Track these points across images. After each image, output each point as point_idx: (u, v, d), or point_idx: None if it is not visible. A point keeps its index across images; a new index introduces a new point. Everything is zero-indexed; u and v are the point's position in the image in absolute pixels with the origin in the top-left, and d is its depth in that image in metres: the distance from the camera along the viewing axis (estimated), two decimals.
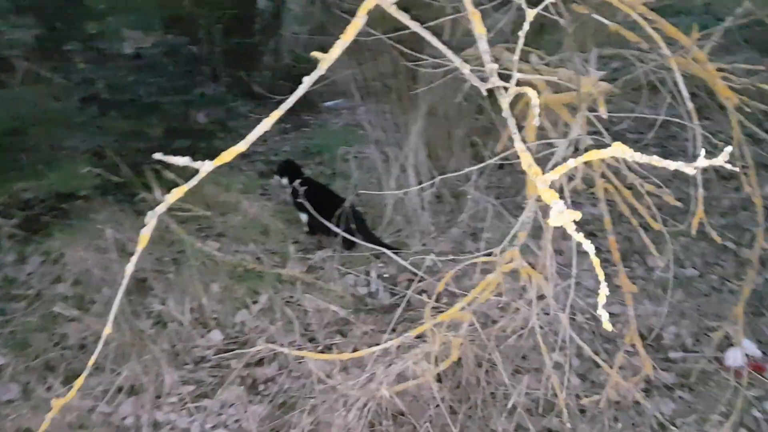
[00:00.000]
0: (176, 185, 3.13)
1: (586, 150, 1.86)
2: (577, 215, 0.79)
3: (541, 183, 0.87)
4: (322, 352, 2.63)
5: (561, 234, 2.24)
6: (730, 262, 3.18)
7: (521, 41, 0.90)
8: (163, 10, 2.98)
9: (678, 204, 1.84)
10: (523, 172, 2.23)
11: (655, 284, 3.00)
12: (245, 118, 4.20)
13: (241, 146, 1.03)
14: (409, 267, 2.96)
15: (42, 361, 2.36)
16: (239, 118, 3.97)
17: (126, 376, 2.36)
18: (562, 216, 0.80)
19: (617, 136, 1.96)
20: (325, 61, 1.03)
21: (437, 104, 3.60)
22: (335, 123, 5.52)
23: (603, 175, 1.89)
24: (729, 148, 0.62)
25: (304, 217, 3.35)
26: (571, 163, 0.83)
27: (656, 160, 0.72)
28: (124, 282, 1.05)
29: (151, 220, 1.04)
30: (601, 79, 1.64)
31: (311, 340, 2.68)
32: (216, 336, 2.65)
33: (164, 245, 2.92)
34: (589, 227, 3.40)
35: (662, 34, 1.61)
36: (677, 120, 1.60)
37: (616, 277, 3.11)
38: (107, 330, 1.13)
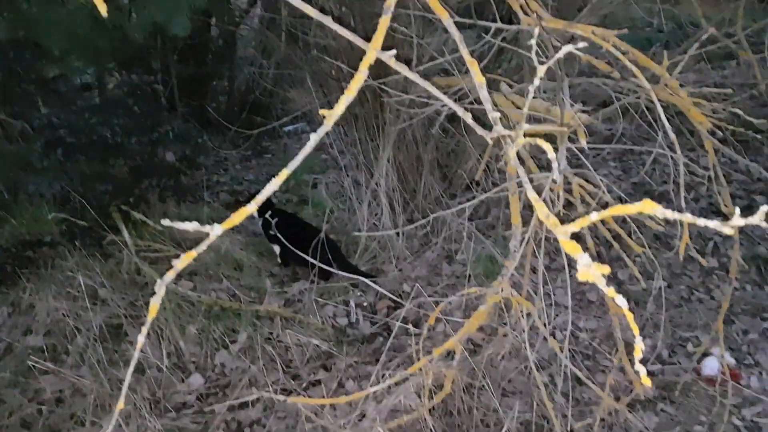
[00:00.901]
0: (146, 225, 3.06)
1: (566, 184, 1.90)
2: (606, 269, 0.80)
3: (561, 234, 0.88)
4: (306, 389, 2.59)
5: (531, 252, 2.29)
6: (696, 272, 3.28)
7: (531, 93, 0.91)
8: (118, 47, 2.92)
9: (661, 228, 1.89)
10: (495, 195, 2.27)
11: (628, 297, 3.06)
12: (214, 152, 4.15)
13: (251, 207, 1.01)
14: (388, 294, 2.97)
15: (18, 418, 2.26)
16: (207, 152, 3.91)
17: (108, 429, 2.27)
18: (590, 270, 0.81)
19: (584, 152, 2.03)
20: (331, 117, 1.02)
21: (405, 128, 3.63)
22: (296, 148, 5.47)
23: (583, 201, 1.93)
24: (765, 208, 0.64)
25: (276, 249, 3.31)
26: (594, 216, 0.84)
27: (690, 218, 0.73)
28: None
29: (161, 288, 1.00)
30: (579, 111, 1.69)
31: (295, 377, 2.63)
32: (196, 380, 2.58)
33: (137, 288, 2.85)
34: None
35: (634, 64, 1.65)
36: (662, 151, 1.65)
37: (590, 292, 3.20)
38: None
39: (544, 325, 2.14)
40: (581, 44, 0.88)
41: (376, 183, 3.56)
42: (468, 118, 1.11)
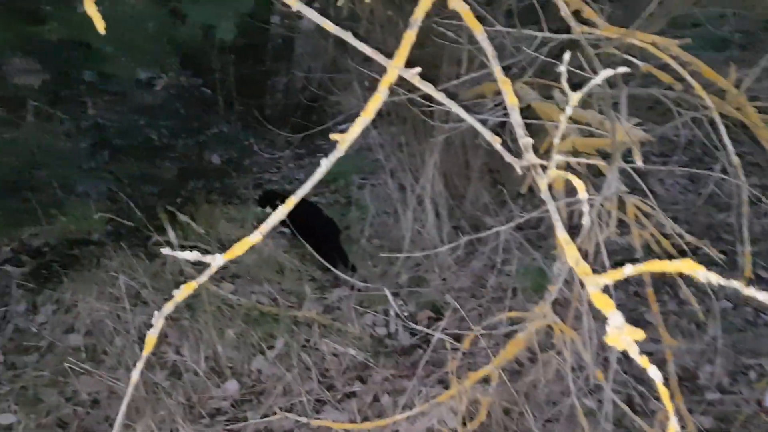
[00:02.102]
0: (191, 226, 3.05)
1: (620, 202, 1.76)
2: (641, 335, 0.69)
3: (593, 286, 0.77)
4: (340, 401, 2.54)
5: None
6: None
7: (568, 110, 0.81)
8: (168, 49, 2.92)
9: (721, 257, 1.73)
10: (545, 203, 2.14)
11: (689, 319, 2.87)
12: (259, 156, 4.16)
13: (256, 236, 0.94)
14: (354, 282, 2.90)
15: (54, 418, 2.29)
16: (253, 156, 3.92)
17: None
18: (621, 333, 0.70)
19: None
20: (345, 141, 0.95)
21: (454, 133, 3.52)
22: (349, 147, 5.43)
23: (638, 222, 1.79)
24: None
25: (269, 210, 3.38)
26: (629, 270, 0.73)
27: (750, 292, 0.62)
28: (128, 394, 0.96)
29: (159, 320, 0.95)
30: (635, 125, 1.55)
31: (330, 387, 2.58)
32: (232, 386, 2.56)
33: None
34: (617, 257, 3.30)
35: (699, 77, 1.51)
36: (724, 177, 1.50)
37: (647, 313, 3.01)
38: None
39: (591, 349, 2.01)
40: (621, 69, 0.77)
41: (422, 188, 3.46)
42: (496, 143, 1.01)
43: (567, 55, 0.79)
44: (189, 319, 2.72)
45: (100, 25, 0.84)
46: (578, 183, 0.79)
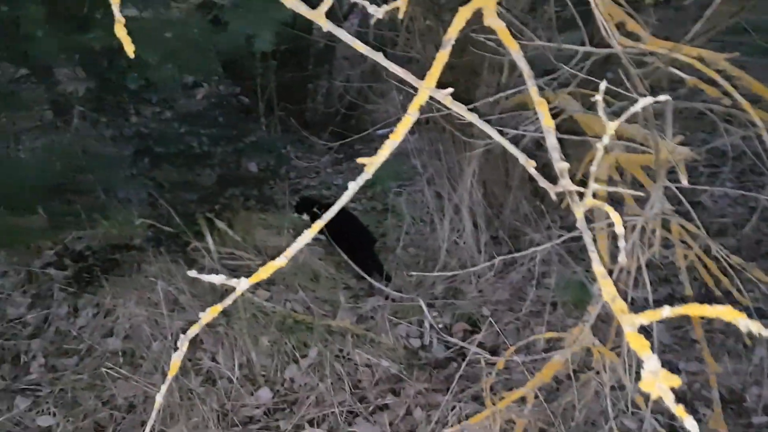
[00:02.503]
0: (227, 234, 3.07)
1: (664, 220, 1.69)
2: (677, 381, 0.64)
3: (628, 325, 0.73)
4: (372, 413, 2.52)
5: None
6: None
7: (599, 155, 0.77)
8: (215, 55, 2.95)
9: None
10: (590, 213, 2.08)
11: (736, 339, 2.76)
12: (297, 162, 4.18)
13: (281, 261, 0.93)
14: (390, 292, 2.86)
15: (91, 422, 2.32)
16: (290, 163, 3.95)
17: None
18: (657, 379, 0.66)
19: (690, 170, 1.78)
20: (372, 165, 0.92)
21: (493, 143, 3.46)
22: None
23: (683, 242, 1.72)
24: None
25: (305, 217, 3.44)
26: (667, 312, 0.69)
27: None
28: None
29: (184, 343, 0.94)
30: (680, 143, 1.49)
31: (362, 399, 2.56)
32: (265, 394, 2.56)
33: (216, 296, 2.87)
34: (662, 272, 3.20)
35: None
36: None
37: (693, 331, 2.90)
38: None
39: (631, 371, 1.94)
40: (662, 98, 0.72)
41: (460, 197, 3.41)
42: (530, 166, 0.97)
43: (603, 86, 0.75)
44: (224, 325, 2.74)
45: (130, 49, 0.84)
46: (615, 216, 0.75)
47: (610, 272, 1.82)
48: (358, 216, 3.96)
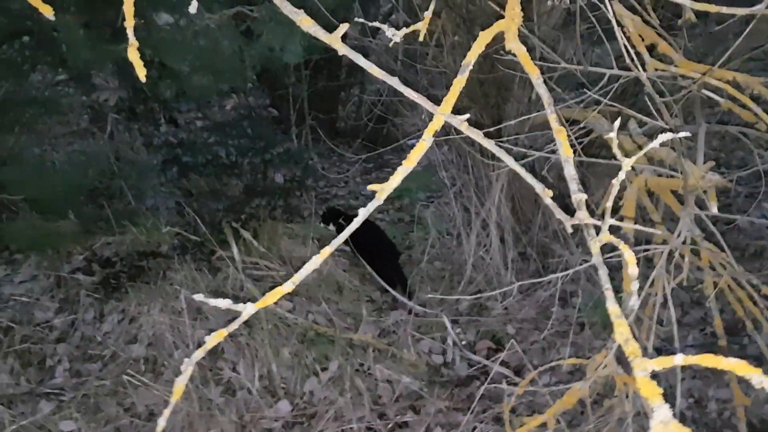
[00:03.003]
0: (252, 245, 3.08)
1: (693, 243, 1.64)
2: None
3: (640, 371, 0.70)
4: (392, 430, 2.49)
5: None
6: None
7: (614, 190, 0.74)
8: (247, 67, 2.98)
9: None
10: (619, 229, 2.03)
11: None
12: (325, 173, 4.20)
13: (288, 287, 0.91)
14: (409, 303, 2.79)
15: (112, 428, 2.35)
16: (316, 175, 3.97)
17: None
18: (667, 429, 0.63)
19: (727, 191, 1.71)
20: (384, 191, 0.90)
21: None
22: (418, 164, 5.35)
23: (712, 268, 1.66)
24: None
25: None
26: (679, 359, 0.65)
27: None
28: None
29: (188, 368, 0.94)
30: (711, 169, 1.43)
31: (381, 416, 2.53)
32: (284, 407, 2.56)
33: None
34: (694, 294, 3.10)
35: None
36: None
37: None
38: None
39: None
40: (683, 134, 0.69)
41: (487, 212, 3.37)
42: (547, 197, 0.95)
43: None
44: (246, 335, 2.74)
45: (141, 73, 0.84)
46: (629, 255, 0.72)
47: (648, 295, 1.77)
48: (385, 227, 3.94)
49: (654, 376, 1.98)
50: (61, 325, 2.74)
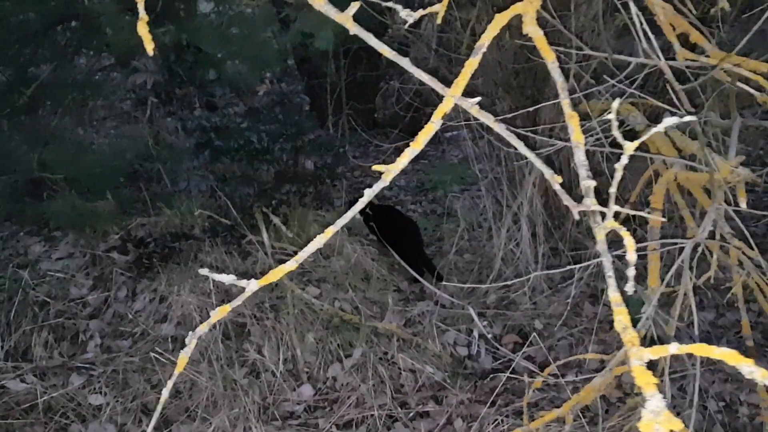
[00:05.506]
0: (282, 231, 3.10)
1: (722, 239, 1.58)
2: (678, 425, 0.59)
3: (635, 359, 0.68)
4: (412, 419, 2.49)
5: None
6: None
7: (616, 179, 0.72)
8: (282, 53, 3.00)
9: None
10: (651, 225, 1.98)
11: None
12: (360, 162, 4.22)
13: (291, 264, 0.92)
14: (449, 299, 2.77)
15: (139, 404, 2.41)
16: (347, 164, 4.00)
17: (215, 427, 2.35)
18: (657, 420, 0.61)
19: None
20: (389, 173, 0.90)
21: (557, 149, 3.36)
22: (454, 156, 5.35)
23: (741, 265, 1.61)
24: None
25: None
26: (674, 348, 0.64)
27: None
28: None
29: (192, 340, 0.96)
30: (742, 164, 1.38)
31: (403, 404, 2.54)
32: (307, 391, 2.59)
33: (266, 290, 2.92)
34: (729, 297, 3.01)
35: None
36: None
37: (761, 359, 2.71)
38: None
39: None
40: (688, 118, 0.67)
41: (519, 205, 3.33)
42: (556, 183, 0.93)
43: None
44: (272, 319, 2.78)
45: (149, 47, 0.85)
46: (629, 241, 0.70)
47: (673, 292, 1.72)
48: (417, 218, 3.93)
49: (683, 377, 1.93)
50: (95, 302, 2.82)
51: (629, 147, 0.69)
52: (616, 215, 0.82)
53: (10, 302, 2.65)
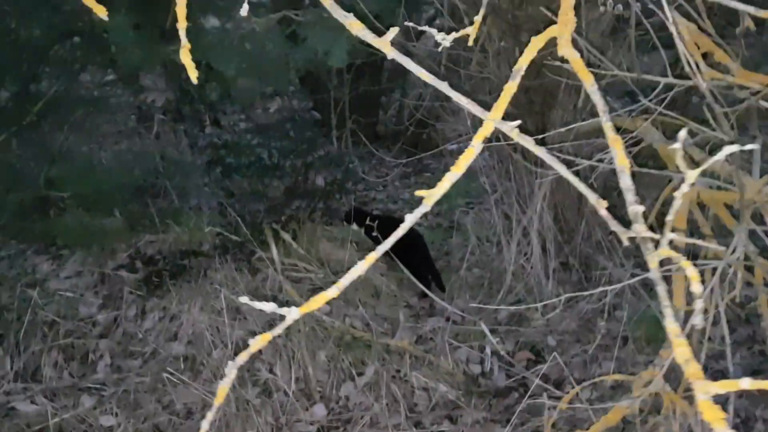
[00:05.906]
0: (292, 246, 3.09)
1: (747, 259, 1.57)
2: None
3: (702, 393, 0.66)
4: None
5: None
6: None
7: (676, 204, 0.70)
8: (291, 70, 3.00)
9: None
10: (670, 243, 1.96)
11: None
12: (365, 177, 4.23)
13: (333, 292, 0.90)
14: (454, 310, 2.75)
15: (150, 425, 2.38)
16: (357, 178, 3.99)
17: None
18: None
19: None
20: (431, 198, 0.88)
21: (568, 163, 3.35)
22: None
23: (767, 285, 1.59)
24: None
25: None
26: (745, 384, 0.62)
27: None
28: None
29: (232, 371, 0.93)
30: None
31: (417, 424, 2.51)
32: (320, 411, 2.55)
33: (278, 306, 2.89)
34: (743, 312, 2.99)
35: None
36: None
37: None
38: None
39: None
40: (751, 146, 0.66)
41: (529, 220, 3.31)
42: (602, 207, 0.91)
43: (683, 133, 0.69)
44: (283, 337, 2.75)
45: (193, 75, 0.84)
46: (691, 272, 0.68)
47: (687, 315, 1.70)
48: (423, 232, 3.91)
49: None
50: (104, 321, 2.79)
51: (691, 174, 0.67)
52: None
53: (19, 322, 2.62)
